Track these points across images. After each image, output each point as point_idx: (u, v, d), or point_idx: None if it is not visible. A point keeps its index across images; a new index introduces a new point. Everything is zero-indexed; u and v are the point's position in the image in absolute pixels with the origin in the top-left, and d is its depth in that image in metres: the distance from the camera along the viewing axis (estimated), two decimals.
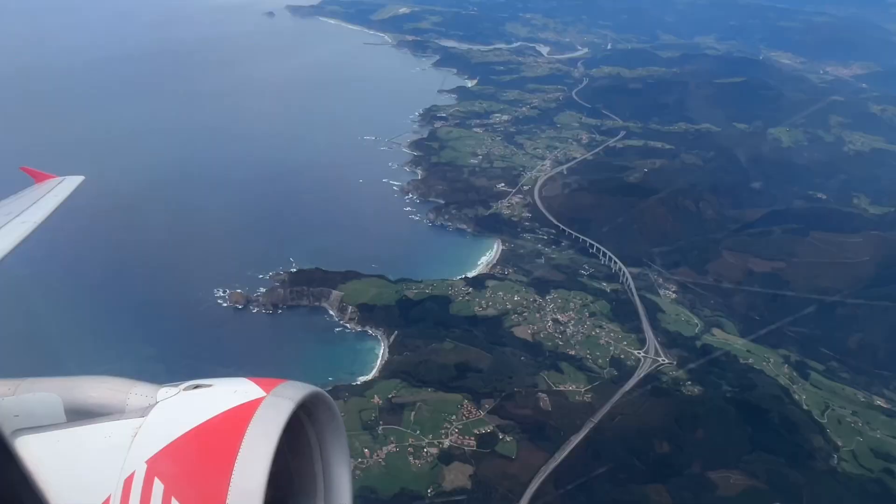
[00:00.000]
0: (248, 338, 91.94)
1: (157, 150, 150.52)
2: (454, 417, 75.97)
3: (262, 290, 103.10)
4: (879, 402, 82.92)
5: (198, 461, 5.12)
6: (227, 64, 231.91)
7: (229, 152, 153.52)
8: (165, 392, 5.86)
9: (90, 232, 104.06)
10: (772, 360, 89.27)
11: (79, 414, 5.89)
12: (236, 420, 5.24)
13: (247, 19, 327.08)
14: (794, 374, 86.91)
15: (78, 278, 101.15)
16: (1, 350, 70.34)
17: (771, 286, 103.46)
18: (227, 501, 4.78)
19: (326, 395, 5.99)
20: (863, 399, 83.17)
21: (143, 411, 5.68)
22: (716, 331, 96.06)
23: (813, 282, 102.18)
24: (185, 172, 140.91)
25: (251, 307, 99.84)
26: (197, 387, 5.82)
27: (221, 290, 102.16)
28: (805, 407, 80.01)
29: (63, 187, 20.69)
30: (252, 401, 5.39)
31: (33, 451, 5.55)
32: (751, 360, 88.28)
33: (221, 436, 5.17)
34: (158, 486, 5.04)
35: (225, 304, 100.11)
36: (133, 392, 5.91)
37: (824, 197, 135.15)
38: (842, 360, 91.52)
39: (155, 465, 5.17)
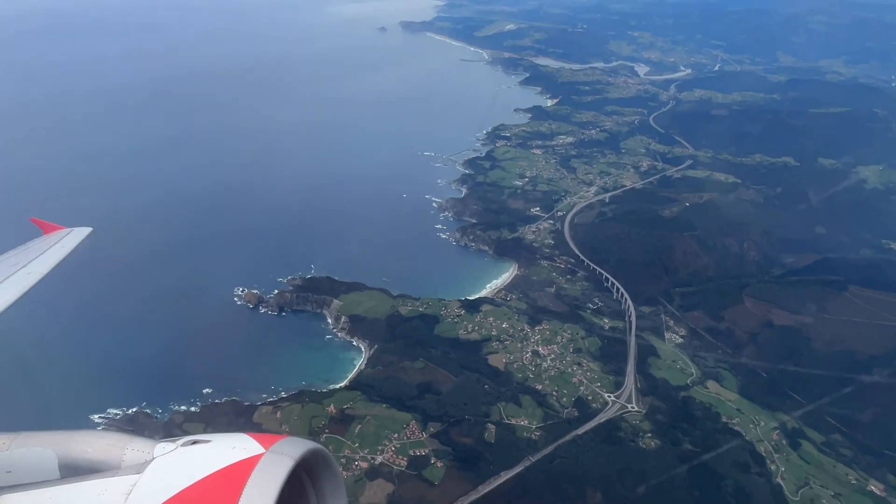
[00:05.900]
0: (245, 336, 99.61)
1: (221, 158, 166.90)
2: (396, 436, 77.61)
3: (276, 292, 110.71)
4: (874, 487, 72.80)
5: None
6: (324, 78, 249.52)
7: (295, 161, 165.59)
8: (163, 447, 5.79)
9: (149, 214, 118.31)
10: (762, 423, 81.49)
11: (74, 470, 5.76)
12: (235, 477, 5.12)
13: (360, 34, 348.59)
14: (783, 442, 78.77)
15: (125, 263, 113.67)
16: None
17: (789, 342, 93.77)
18: None
19: (326, 451, 6.00)
20: (854, 481, 73.50)
21: (140, 467, 5.56)
22: (711, 383, 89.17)
23: (839, 342, 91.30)
24: (246, 178, 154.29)
25: (261, 307, 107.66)
26: (195, 442, 5.73)
27: (241, 289, 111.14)
28: (777, 480, 72.50)
29: (70, 239, 20.79)
30: (251, 457, 5.32)
31: None
32: (735, 421, 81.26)
33: (219, 493, 5.04)
34: None
35: (239, 303, 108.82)
36: (130, 447, 5.83)
37: None
38: (848, 434, 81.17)
39: None
